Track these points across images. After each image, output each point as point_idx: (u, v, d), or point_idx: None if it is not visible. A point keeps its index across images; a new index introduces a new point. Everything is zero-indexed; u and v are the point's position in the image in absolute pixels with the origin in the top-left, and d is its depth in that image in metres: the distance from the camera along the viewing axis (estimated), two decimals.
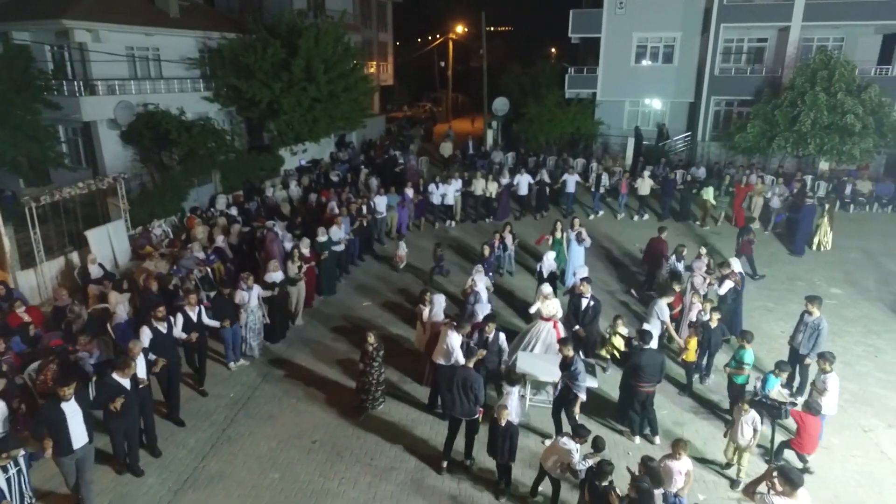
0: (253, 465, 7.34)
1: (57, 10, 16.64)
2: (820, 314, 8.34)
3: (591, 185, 18.47)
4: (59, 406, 6.08)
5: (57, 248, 11.86)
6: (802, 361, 8.24)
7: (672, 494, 5.96)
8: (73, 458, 6.20)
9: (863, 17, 21.62)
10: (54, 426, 6.06)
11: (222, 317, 9.09)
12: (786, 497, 4.95)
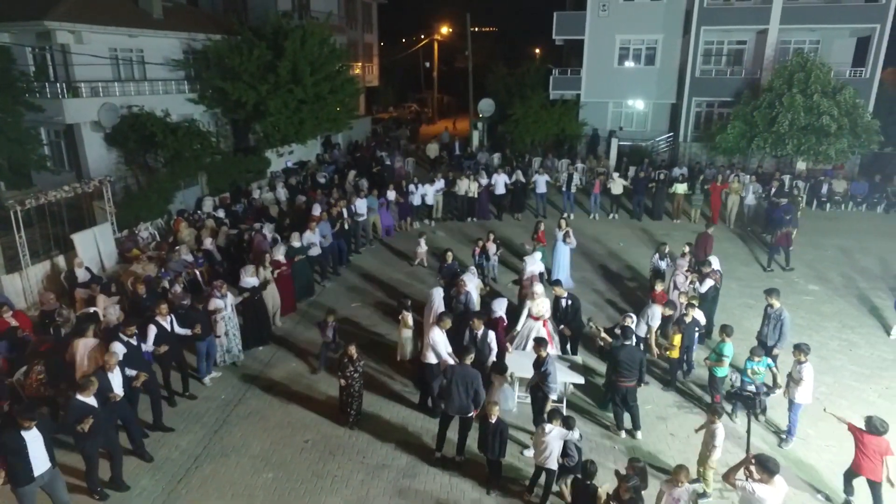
0: (246, 465, 7.42)
1: (38, 12, 16.46)
2: (780, 305, 8.69)
3: (562, 184, 18.73)
4: (20, 433, 5.79)
5: (42, 252, 11.81)
6: (770, 353, 8.52)
7: None
8: (35, 485, 5.95)
9: (837, 20, 22.23)
10: (14, 454, 5.80)
11: (193, 325, 8.75)
12: (763, 483, 5.18)
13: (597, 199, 18.10)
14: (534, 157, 23.37)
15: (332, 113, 20.07)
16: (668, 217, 17.88)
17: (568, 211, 18.01)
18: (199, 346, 9.19)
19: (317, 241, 12.86)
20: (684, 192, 17.37)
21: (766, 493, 5.18)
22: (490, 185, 17.83)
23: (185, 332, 8.80)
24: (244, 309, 10.10)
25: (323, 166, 21.65)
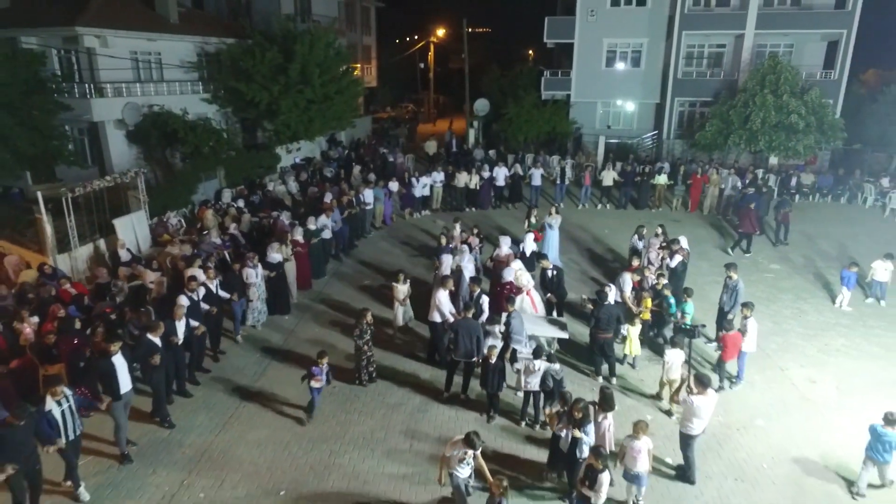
0: (284, 406, 8.85)
1: (68, 18, 17.79)
2: (737, 277, 10.15)
3: (555, 178, 20.27)
4: (110, 360, 7.39)
5: (88, 236, 13.14)
6: (726, 317, 10.00)
7: (636, 474, 6.64)
8: (121, 402, 7.46)
9: (809, 26, 23.87)
10: (107, 377, 7.40)
11: (232, 290, 10.51)
12: (700, 395, 6.70)
13: (587, 191, 19.69)
14: (527, 153, 24.86)
15: (338, 112, 21.47)
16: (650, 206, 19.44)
17: (559, 201, 19.54)
18: (235, 308, 10.76)
19: (329, 225, 14.35)
20: (665, 183, 18.94)
21: (701, 402, 6.73)
22: (492, 178, 19.39)
23: (225, 296, 10.32)
24: (269, 281, 11.54)
25: (328, 162, 23.11)
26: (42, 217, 11.96)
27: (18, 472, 6.09)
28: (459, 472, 6.36)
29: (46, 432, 6.49)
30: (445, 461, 6.41)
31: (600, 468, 5.94)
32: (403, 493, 7.10)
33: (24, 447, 6.25)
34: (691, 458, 7.16)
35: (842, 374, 9.71)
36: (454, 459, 6.32)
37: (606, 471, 6.01)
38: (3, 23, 18.47)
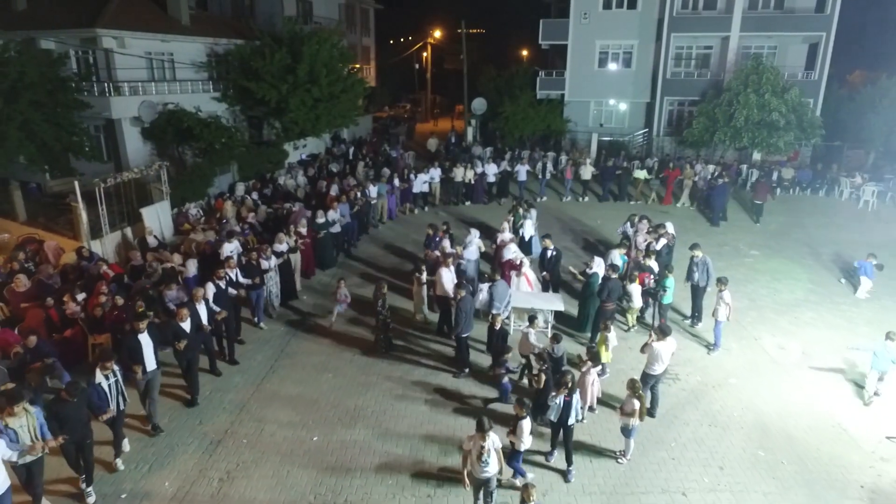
0: (311, 369, 9.88)
1: (90, 20, 18.73)
2: (702, 254, 11.20)
3: (538, 173, 21.37)
4: (137, 337, 7.94)
5: (117, 223, 14.11)
6: (703, 293, 11.04)
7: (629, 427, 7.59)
8: (145, 378, 8.00)
9: (790, 28, 25.08)
10: (133, 352, 7.92)
11: (252, 277, 11.10)
12: (660, 341, 7.95)
13: (569, 184, 20.92)
14: (522, 150, 25.95)
15: (343, 110, 22.49)
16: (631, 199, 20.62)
17: (542, 195, 20.70)
18: (253, 296, 11.44)
19: (337, 218, 15.23)
20: (644, 177, 20.22)
21: (661, 347, 8.05)
22: (484, 174, 20.45)
23: (247, 282, 11.22)
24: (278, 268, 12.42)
25: (333, 158, 24.14)
26: (78, 205, 12.94)
27: (70, 442, 6.77)
28: (481, 474, 6.35)
29: (97, 403, 7.13)
30: (466, 458, 6.47)
31: (522, 415, 6.73)
32: (418, 437, 8.14)
33: (76, 421, 6.81)
34: (656, 394, 8.44)
35: (808, 341, 10.85)
36: (474, 456, 6.33)
37: (528, 418, 6.84)
38: (22, 24, 19.36)
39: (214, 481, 7.34)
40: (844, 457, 7.75)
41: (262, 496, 7.09)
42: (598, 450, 7.92)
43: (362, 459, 7.72)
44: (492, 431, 6.24)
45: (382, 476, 7.42)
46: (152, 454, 7.81)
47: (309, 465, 7.62)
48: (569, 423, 7.30)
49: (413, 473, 7.47)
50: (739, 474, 7.45)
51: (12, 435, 6.32)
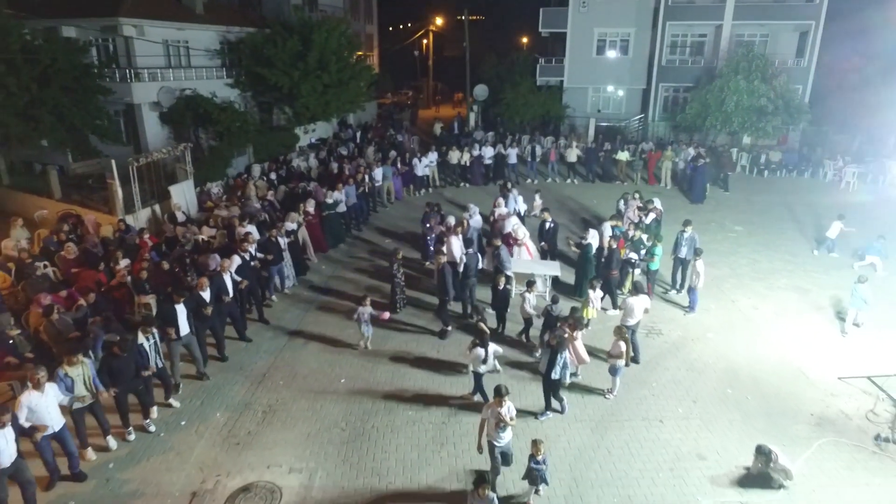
0: (334, 326, 11.06)
1: (112, 9, 19.69)
2: (692, 231, 12.25)
3: (527, 156, 22.49)
4: (174, 306, 9.06)
5: (148, 200, 15.22)
6: (686, 265, 12.11)
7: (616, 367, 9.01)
8: (179, 343, 9.01)
9: (781, 17, 26.02)
10: (169, 319, 9.00)
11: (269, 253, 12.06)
12: (634, 297, 9.24)
13: (553, 166, 22.10)
14: (523, 135, 26.98)
15: (352, 95, 23.50)
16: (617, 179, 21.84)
17: (532, 177, 21.80)
18: (272, 270, 12.44)
19: (343, 199, 16.23)
20: (626, 159, 21.38)
21: (634, 302, 9.28)
22: (481, 156, 21.58)
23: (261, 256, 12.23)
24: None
25: (342, 142, 25.19)
26: (114, 182, 14.03)
27: (123, 392, 7.84)
28: (498, 441, 6.74)
29: (139, 360, 8.12)
30: (483, 426, 6.83)
31: (476, 344, 8.24)
32: (430, 376, 9.34)
33: (126, 374, 7.81)
34: (635, 343, 9.62)
35: (780, 303, 12.03)
36: (491, 423, 6.71)
37: (479, 348, 8.18)
38: (43, 13, 20.24)
39: (259, 413, 8.55)
40: (800, 394, 8.96)
41: (300, 424, 8.30)
42: (589, 389, 9.12)
43: (384, 395, 8.93)
44: (508, 398, 6.65)
45: (403, 407, 8.64)
46: (203, 393, 9.02)
47: (338, 400, 8.83)
48: (552, 376, 8.09)
49: (427, 404, 8.69)
50: (709, 407, 8.66)
51: (69, 383, 7.37)
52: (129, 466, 7.50)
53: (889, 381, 8.80)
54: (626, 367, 8.94)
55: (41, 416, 6.87)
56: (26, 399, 6.80)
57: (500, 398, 6.59)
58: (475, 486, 5.86)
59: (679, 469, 7.37)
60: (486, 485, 5.84)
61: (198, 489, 7.08)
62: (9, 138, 16.54)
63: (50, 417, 6.94)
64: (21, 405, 6.77)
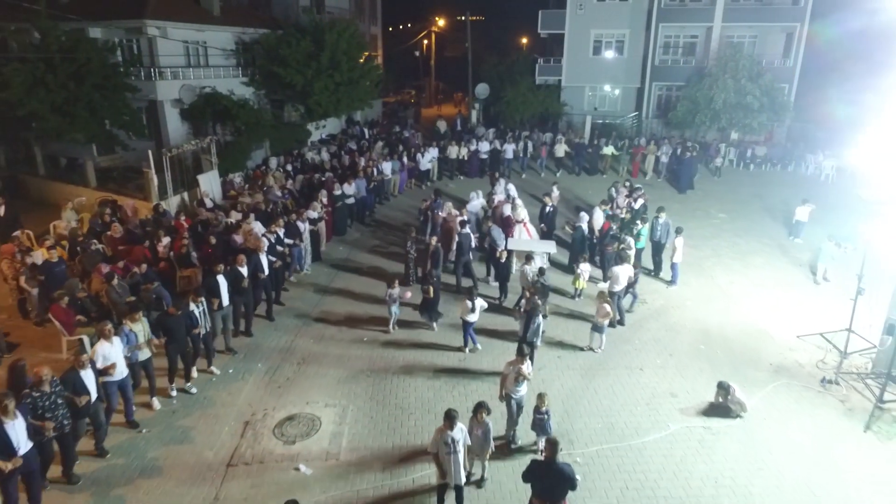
0: (353, 298, 12.39)
1: (138, 11, 21.02)
2: (666, 217, 13.48)
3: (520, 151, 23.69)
4: (216, 277, 10.36)
5: (178, 188, 16.57)
6: (662, 249, 13.40)
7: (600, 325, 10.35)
8: (220, 314, 10.39)
9: (768, 19, 27.36)
10: (212, 290, 10.24)
11: (293, 237, 13.45)
12: (619, 266, 10.56)
13: (543, 162, 23.57)
14: (522, 132, 28.30)
15: (361, 93, 24.86)
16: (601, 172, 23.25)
17: (522, 171, 23.23)
18: (295, 251, 13.79)
19: (352, 192, 17.46)
20: (611, 153, 22.79)
21: (619, 270, 10.63)
22: (477, 150, 23.00)
23: (289, 242, 13.55)
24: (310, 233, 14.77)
25: (351, 138, 26.57)
26: (150, 171, 15.38)
27: (174, 349, 9.01)
28: (515, 393, 7.58)
29: (189, 323, 9.28)
30: (504, 380, 7.62)
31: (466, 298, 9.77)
32: (442, 337, 10.69)
33: (178, 332, 8.89)
34: (621, 308, 11.02)
35: (754, 279, 13.40)
36: (511, 378, 7.50)
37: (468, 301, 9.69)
38: (70, 15, 21.52)
39: (294, 364, 9.90)
40: (763, 349, 10.32)
41: (331, 372, 9.65)
42: (580, 346, 10.46)
43: (402, 349, 10.29)
44: (528, 359, 7.62)
45: (419, 358, 10.01)
46: (245, 349, 10.37)
47: (363, 354, 10.19)
48: (527, 338, 9.09)
49: (440, 355, 10.07)
50: (683, 359, 10.02)
51: (132, 337, 8.74)
52: (192, 402, 8.83)
53: (838, 336, 10.14)
54: (612, 328, 10.30)
55: (112, 361, 8.13)
56: (100, 348, 8.07)
57: (522, 357, 7.52)
58: (475, 411, 6.71)
59: (654, 404, 8.73)
60: (483, 410, 6.65)
61: (249, 419, 8.43)
62: (47, 132, 17.87)
63: (118, 364, 8.22)
64: (97, 353, 8.03)
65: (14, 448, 6.20)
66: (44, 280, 10.79)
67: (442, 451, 6.28)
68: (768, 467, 7.43)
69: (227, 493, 7.02)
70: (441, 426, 6.34)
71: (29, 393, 6.77)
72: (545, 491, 5.69)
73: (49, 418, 6.77)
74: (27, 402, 6.64)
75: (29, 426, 6.45)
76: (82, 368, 7.40)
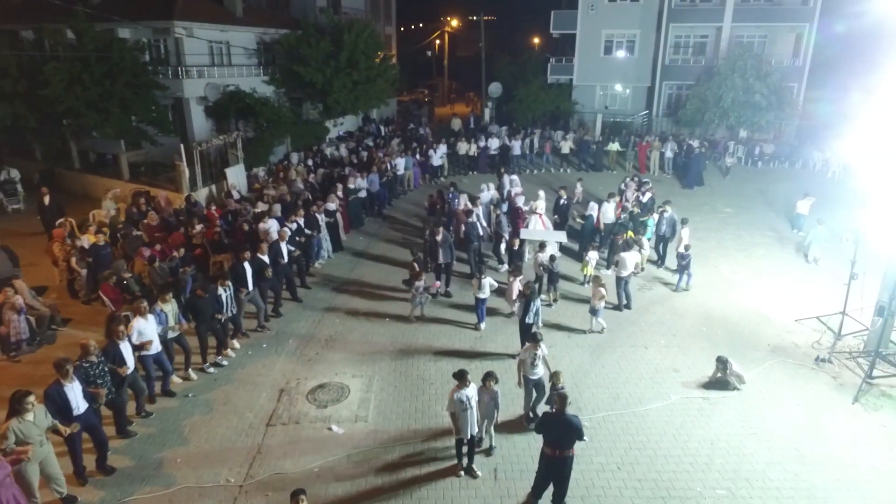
0: (373, 286, 13.15)
1: (167, 13, 21.97)
2: (672, 211, 14.10)
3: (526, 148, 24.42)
4: (243, 265, 11.17)
5: (207, 180, 17.46)
6: (666, 241, 14.00)
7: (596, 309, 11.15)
8: (247, 297, 11.08)
9: (778, 19, 27.78)
10: (239, 275, 10.99)
11: (312, 228, 14.28)
12: (626, 252, 11.15)
13: (548, 158, 24.32)
14: (534, 129, 28.96)
15: (378, 92, 25.68)
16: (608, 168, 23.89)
17: (527, 167, 23.88)
18: (314, 241, 14.61)
19: (365, 185, 18.22)
20: (616, 149, 23.41)
21: (626, 256, 11.30)
22: (487, 147, 23.71)
23: (308, 233, 14.34)
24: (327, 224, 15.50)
25: (366, 134, 27.42)
26: (182, 164, 16.27)
27: (203, 328, 9.76)
28: (533, 375, 8.07)
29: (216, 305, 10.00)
30: (521, 364, 8.13)
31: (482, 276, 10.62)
32: (460, 316, 11.43)
33: (206, 313, 9.57)
34: (628, 292, 11.64)
35: (756, 268, 14.02)
36: (527, 362, 8.03)
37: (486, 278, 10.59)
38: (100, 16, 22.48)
39: (322, 340, 10.69)
40: (762, 331, 10.95)
41: (357, 347, 10.42)
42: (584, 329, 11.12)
43: (422, 328, 11.04)
44: (542, 343, 8.13)
45: (438, 335, 10.76)
46: (276, 326, 11.18)
47: (385, 332, 10.96)
48: (526, 321, 9.70)
49: (458, 332, 10.80)
50: (686, 338, 10.68)
51: (163, 317, 9.46)
52: (230, 373, 9.65)
53: (833, 319, 10.74)
54: (619, 312, 10.99)
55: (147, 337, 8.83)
56: (136, 324, 8.75)
57: (536, 343, 8.05)
58: (483, 380, 7.20)
59: (657, 378, 9.41)
60: (491, 379, 7.17)
61: (284, 387, 9.22)
62: (83, 128, 18.86)
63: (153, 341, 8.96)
64: (133, 328, 8.71)
65: (73, 409, 6.91)
66: (91, 262, 11.69)
67: (458, 408, 6.95)
68: (761, 431, 8.09)
69: (268, 447, 7.80)
70: (455, 386, 7.02)
71: (80, 364, 7.52)
72: (555, 440, 6.40)
73: (100, 385, 7.54)
74: (80, 371, 7.39)
75: (85, 392, 7.20)
76: (121, 340, 8.02)
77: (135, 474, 7.29)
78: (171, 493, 6.96)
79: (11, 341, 9.78)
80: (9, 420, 6.25)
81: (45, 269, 12.56)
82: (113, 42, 19.25)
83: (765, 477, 7.26)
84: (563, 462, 6.44)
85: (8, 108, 17.96)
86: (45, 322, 10.64)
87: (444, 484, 7.16)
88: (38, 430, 6.36)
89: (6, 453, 6.02)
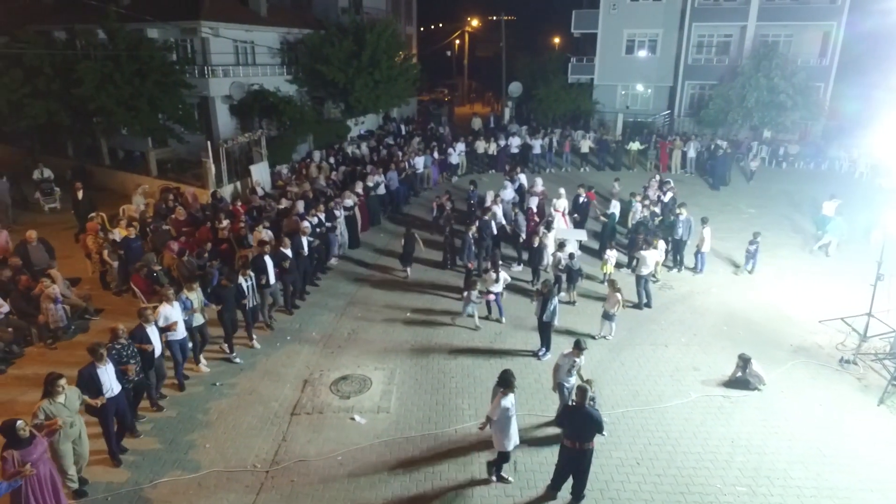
0: (393, 279, 13.34)
1: (194, 13, 22.46)
2: (688, 214, 13.89)
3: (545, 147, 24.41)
4: (264, 258, 11.42)
5: (233, 177, 17.83)
6: (682, 245, 13.77)
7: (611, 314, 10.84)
8: (268, 290, 11.32)
9: (804, 18, 27.30)
10: (260, 270, 11.18)
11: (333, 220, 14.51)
12: (647, 250, 11.12)
13: (567, 157, 24.27)
14: (555, 128, 28.91)
15: (399, 91, 25.90)
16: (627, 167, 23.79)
17: (547, 166, 23.87)
18: (331, 236, 14.84)
19: (383, 182, 18.35)
20: (636, 148, 23.45)
21: (647, 254, 11.28)
22: (507, 146, 23.76)
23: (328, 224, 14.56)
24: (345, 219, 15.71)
25: (387, 133, 27.67)
26: (209, 161, 16.66)
27: (227, 317, 9.98)
28: (567, 382, 7.87)
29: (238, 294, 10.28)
30: (557, 370, 7.98)
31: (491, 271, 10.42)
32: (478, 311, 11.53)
33: (230, 301, 9.88)
34: (648, 291, 11.63)
35: (779, 268, 13.89)
36: (563, 369, 7.81)
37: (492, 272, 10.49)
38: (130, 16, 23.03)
39: (345, 333, 10.90)
40: (785, 331, 10.87)
41: (378, 341, 10.60)
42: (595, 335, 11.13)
43: (442, 323, 11.18)
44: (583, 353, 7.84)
45: (456, 331, 10.89)
46: (299, 319, 11.42)
47: (405, 327, 11.13)
48: (544, 318, 9.69)
49: (478, 328, 10.91)
50: (707, 337, 10.66)
51: (188, 304, 9.73)
52: (255, 363, 9.89)
53: (858, 321, 10.61)
54: (639, 311, 11.00)
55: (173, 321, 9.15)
56: (163, 310, 9.01)
57: (580, 350, 7.79)
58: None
59: (677, 375, 9.42)
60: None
61: (308, 378, 9.44)
62: (114, 125, 19.38)
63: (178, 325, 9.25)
64: (160, 313, 9.01)
65: (104, 390, 7.18)
66: (123, 254, 12.07)
67: (502, 415, 6.58)
68: (782, 431, 8.06)
69: (292, 435, 8.01)
70: (500, 392, 6.65)
71: (112, 346, 7.83)
72: (575, 432, 6.49)
73: (132, 364, 7.86)
74: (113, 352, 7.71)
75: (117, 370, 7.50)
76: (147, 324, 8.39)
77: (165, 457, 7.55)
78: (200, 477, 7.19)
79: (50, 329, 10.15)
80: (41, 401, 6.55)
81: (78, 262, 12.98)
82: (142, 42, 19.76)
83: (786, 475, 7.24)
84: (582, 455, 6.52)
85: (43, 105, 18.53)
86: (78, 311, 11.02)
87: (464, 474, 7.28)
88: (69, 411, 6.66)
89: (39, 427, 6.30)
